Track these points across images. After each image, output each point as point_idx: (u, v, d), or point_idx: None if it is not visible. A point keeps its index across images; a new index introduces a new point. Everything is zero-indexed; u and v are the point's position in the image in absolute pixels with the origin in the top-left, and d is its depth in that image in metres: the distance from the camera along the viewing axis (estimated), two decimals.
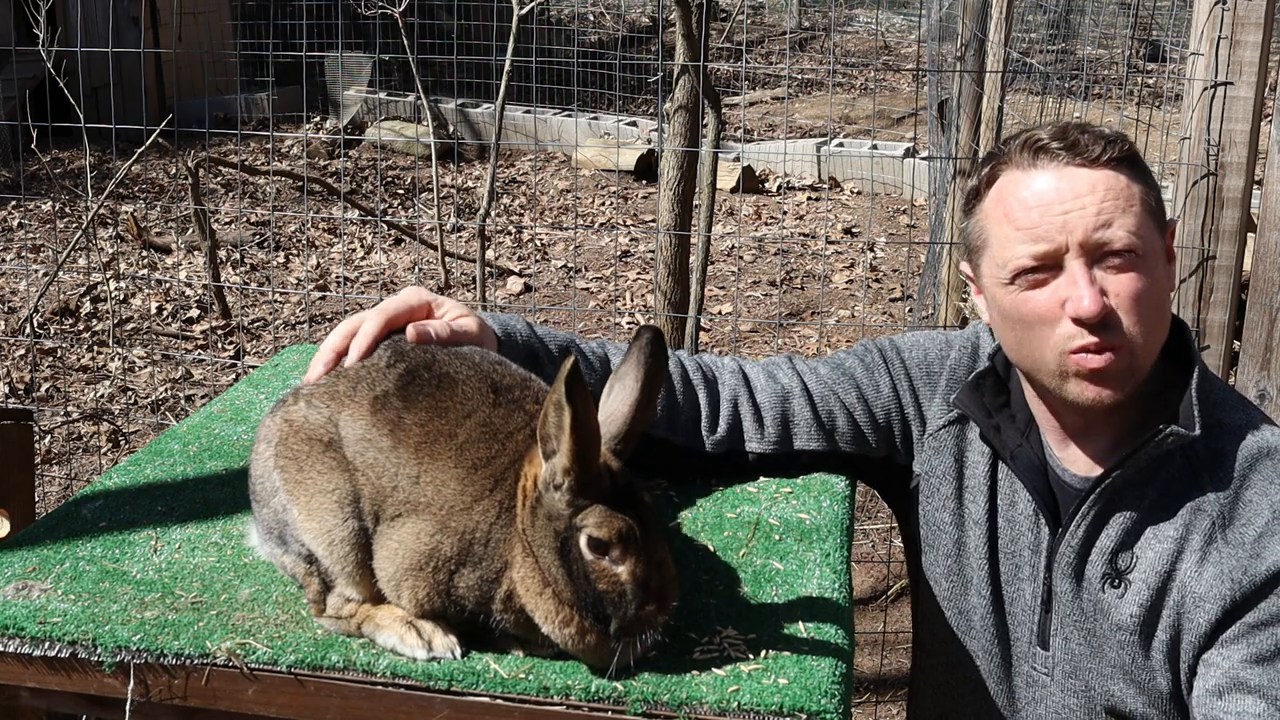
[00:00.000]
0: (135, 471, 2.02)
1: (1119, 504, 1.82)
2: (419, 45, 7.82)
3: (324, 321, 7.51)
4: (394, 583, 1.52)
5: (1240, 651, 1.70)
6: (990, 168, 1.86)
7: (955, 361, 2.03)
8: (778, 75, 14.04)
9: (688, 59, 4.19)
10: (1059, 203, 1.75)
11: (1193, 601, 1.74)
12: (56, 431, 5.98)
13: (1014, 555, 1.95)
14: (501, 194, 10.40)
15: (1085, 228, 1.74)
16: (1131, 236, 1.74)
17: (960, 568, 2.01)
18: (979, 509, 1.97)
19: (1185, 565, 1.76)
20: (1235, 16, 3.14)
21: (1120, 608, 1.80)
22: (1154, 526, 1.79)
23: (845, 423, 2.02)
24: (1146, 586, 1.78)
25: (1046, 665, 1.92)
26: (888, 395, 2.03)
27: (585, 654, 1.47)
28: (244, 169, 9.41)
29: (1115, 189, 1.76)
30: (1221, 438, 1.79)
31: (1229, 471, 1.77)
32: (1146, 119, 4.43)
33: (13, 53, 10.31)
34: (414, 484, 1.51)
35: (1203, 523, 1.76)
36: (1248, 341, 3.21)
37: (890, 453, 2.06)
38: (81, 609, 1.60)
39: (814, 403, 2.01)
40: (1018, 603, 1.95)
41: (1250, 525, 1.72)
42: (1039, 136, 1.81)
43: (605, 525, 1.40)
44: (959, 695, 2.06)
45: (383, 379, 1.59)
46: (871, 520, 5.25)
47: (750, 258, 8.84)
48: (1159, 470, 1.80)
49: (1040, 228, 1.76)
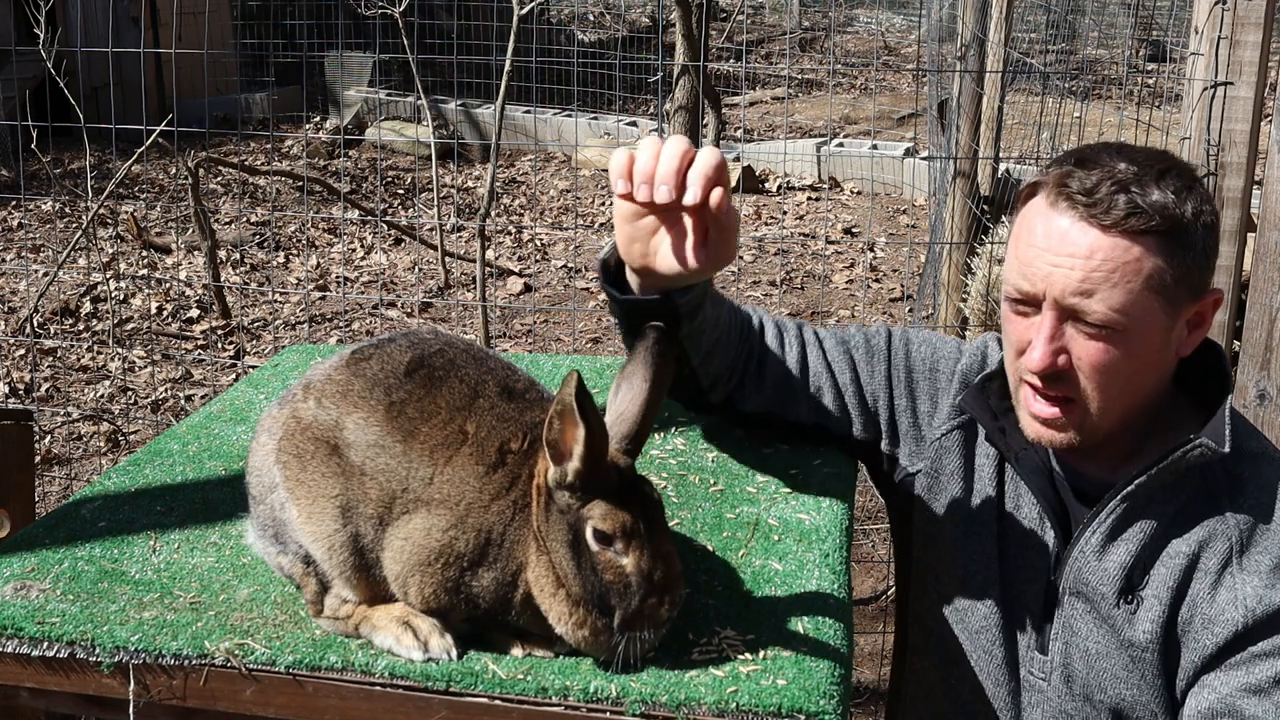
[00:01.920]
0: (134, 472, 2.02)
1: (1138, 515, 1.80)
2: (419, 45, 7.82)
3: (324, 321, 7.51)
4: (401, 579, 1.52)
5: (1240, 678, 1.70)
6: (1033, 183, 1.82)
7: (966, 367, 2.04)
8: (778, 75, 14.04)
9: (688, 59, 4.19)
10: (1051, 253, 1.72)
11: (1202, 622, 1.74)
12: (56, 431, 5.98)
13: (1018, 558, 1.95)
14: (502, 194, 10.40)
15: (1064, 289, 1.71)
16: (1111, 312, 1.70)
17: (964, 568, 2.00)
18: (984, 511, 1.98)
19: (1198, 586, 1.75)
20: (1235, 16, 3.14)
21: (1134, 625, 1.80)
22: (1169, 544, 1.79)
23: (832, 401, 2.04)
24: (1159, 603, 1.77)
25: (1044, 670, 1.92)
26: (880, 383, 2.06)
27: (593, 650, 1.48)
28: (244, 169, 9.41)
29: (1115, 260, 1.69)
30: (1240, 463, 1.79)
31: (1248, 498, 1.77)
32: (1147, 119, 4.42)
33: (13, 53, 10.32)
34: (426, 485, 1.51)
35: (1219, 545, 1.75)
36: (1248, 341, 3.21)
37: (874, 437, 2.08)
38: (80, 609, 1.60)
39: (808, 377, 2.04)
40: (1020, 606, 1.95)
41: (1267, 554, 1.73)
42: (1072, 178, 1.73)
43: (610, 518, 1.43)
44: (958, 695, 2.05)
45: (400, 386, 1.57)
46: (872, 521, 5.25)
47: (750, 258, 8.84)
48: (1179, 487, 1.79)
49: (1030, 268, 1.75)
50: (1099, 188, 1.70)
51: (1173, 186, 1.71)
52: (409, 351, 1.62)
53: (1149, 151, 1.78)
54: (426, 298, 7.80)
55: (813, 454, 2.08)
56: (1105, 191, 1.70)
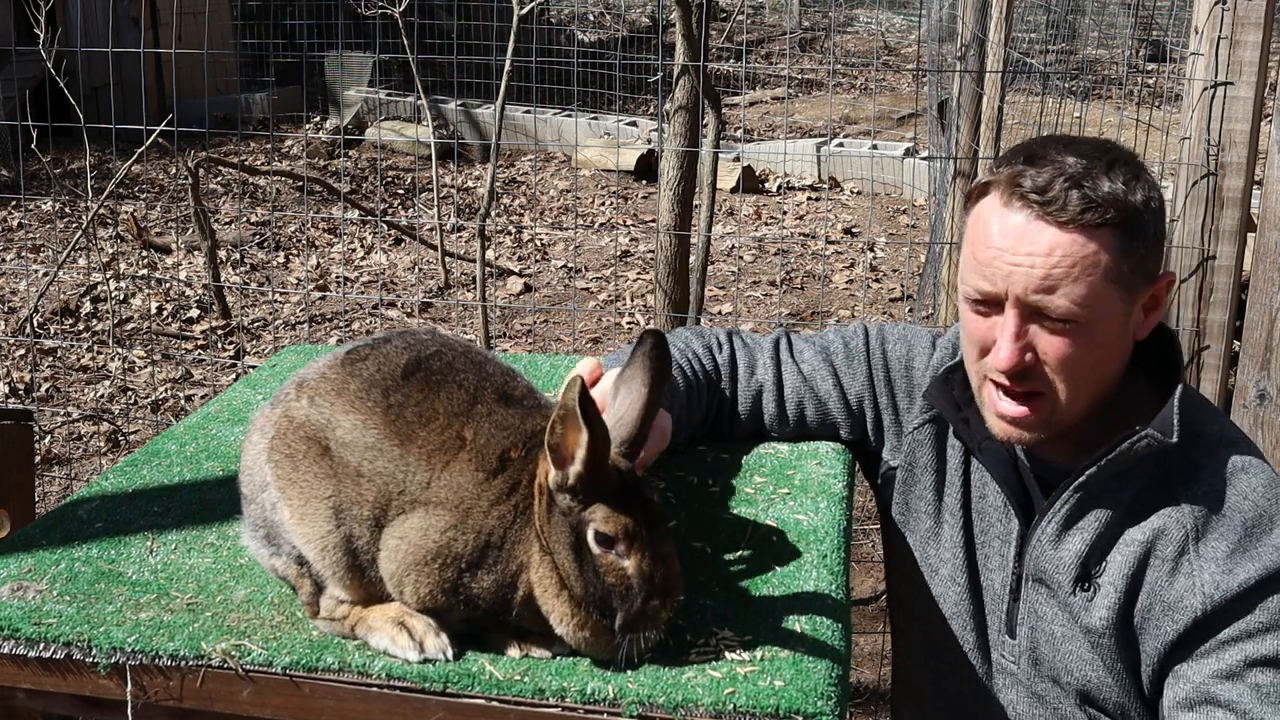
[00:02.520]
0: (132, 472, 2.02)
1: (1092, 504, 1.83)
2: (419, 45, 7.82)
3: (324, 321, 7.51)
4: (396, 578, 1.52)
5: (1211, 666, 1.71)
6: (984, 182, 1.83)
7: (939, 362, 2.06)
8: (778, 75, 14.04)
9: (688, 59, 4.18)
10: (1010, 253, 1.73)
11: (1162, 609, 1.76)
12: (56, 431, 5.98)
13: (985, 545, 1.99)
14: (501, 194, 10.39)
15: (1026, 286, 1.72)
16: (1073, 306, 1.71)
17: (934, 555, 2.06)
18: (954, 500, 2.02)
19: (1156, 574, 1.77)
20: (1235, 16, 3.13)
21: (1090, 611, 1.82)
22: (1125, 531, 1.81)
23: (815, 412, 2.12)
24: (1115, 590, 1.80)
25: (1014, 654, 1.96)
26: (862, 384, 2.11)
27: (594, 650, 1.49)
28: (244, 169, 9.41)
29: (1074, 255, 1.70)
30: (1197, 448, 1.80)
31: (1203, 484, 1.78)
32: (1147, 119, 4.42)
33: (13, 53, 10.32)
34: (424, 488, 1.51)
35: (1175, 532, 1.76)
36: (1248, 341, 3.21)
37: (863, 438, 2.13)
38: (77, 610, 1.60)
39: (783, 399, 2.12)
40: (989, 591, 2.00)
41: (1223, 540, 1.74)
42: (1024, 177, 1.74)
43: (611, 521, 1.44)
44: (939, 676, 2.11)
45: (398, 388, 1.57)
46: (871, 521, 5.24)
47: (750, 258, 8.84)
48: (1133, 475, 1.81)
49: (989, 268, 1.76)
50: (1052, 185, 1.71)
51: (1122, 176, 1.73)
52: (406, 353, 1.61)
53: (1094, 142, 1.80)
54: (426, 298, 7.80)
55: (811, 454, 2.08)
56: (1059, 188, 1.71)
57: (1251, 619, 1.70)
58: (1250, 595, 1.70)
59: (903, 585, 2.14)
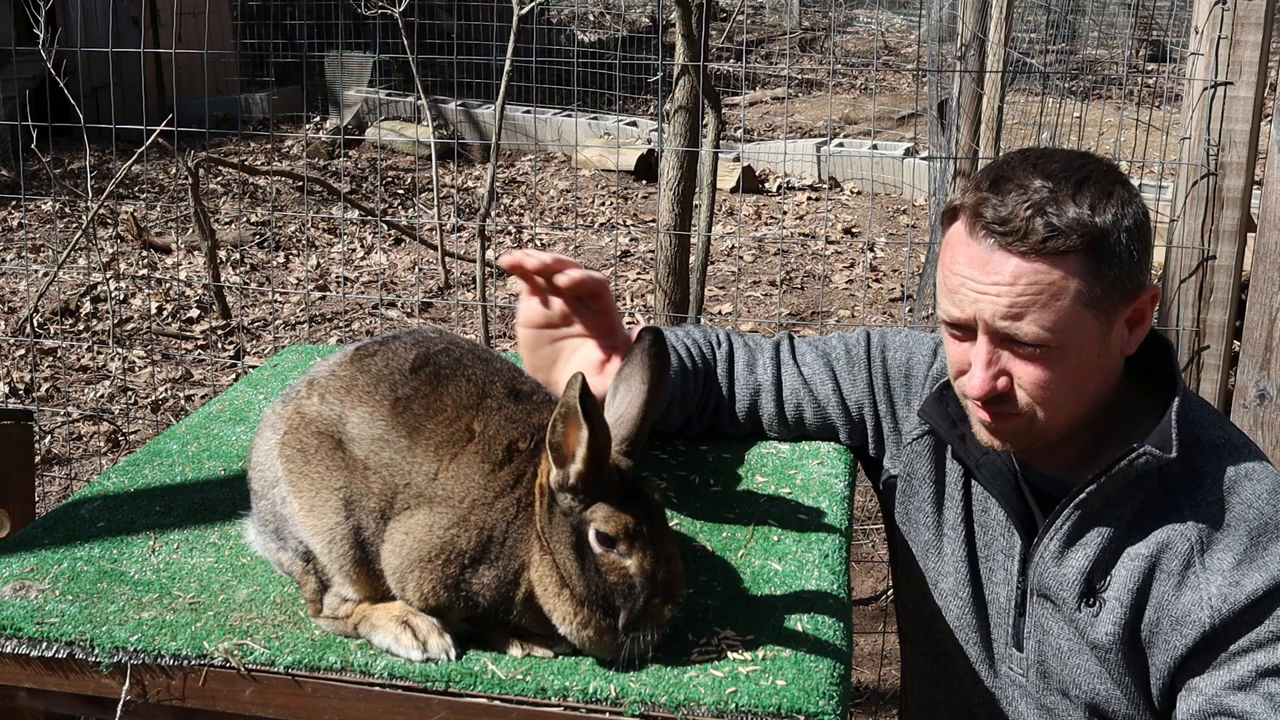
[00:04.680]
0: (133, 472, 2.02)
1: (1094, 521, 1.82)
2: (419, 45, 7.82)
3: (324, 321, 7.51)
4: (399, 574, 1.52)
5: (1223, 677, 1.71)
6: (953, 207, 1.82)
7: (939, 371, 2.05)
8: (778, 75, 14.04)
9: (688, 59, 4.18)
10: (975, 282, 1.72)
11: (1170, 623, 1.75)
12: (56, 431, 5.98)
13: (989, 560, 1.98)
14: (501, 194, 10.40)
15: (994, 314, 1.71)
16: (1042, 332, 1.70)
17: (935, 568, 2.05)
18: (954, 514, 2.01)
19: (1162, 587, 1.76)
20: (1235, 16, 3.14)
21: (1096, 626, 1.81)
22: (1128, 546, 1.80)
23: (814, 416, 2.10)
24: (1121, 605, 1.79)
25: (1021, 666, 1.95)
26: (863, 390, 2.09)
27: (597, 650, 1.49)
28: (244, 169, 9.40)
29: (1040, 283, 1.68)
30: (1199, 456, 1.79)
31: (1207, 493, 1.77)
32: (1147, 119, 4.42)
33: (13, 53, 10.31)
34: (430, 481, 1.52)
35: (1180, 546, 1.75)
36: (1248, 341, 3.21)
37: (863, 444, 2.13)
38: (79, 609, 1.60)
39: (781, 400, 2.10)
40: (994, 605, 1.99)
41: (1229, 551, 1.73)
42: (986, 206, 1.71)
43: (612, 520, 1.43)
44: (948, 685, 2.11)
45: (405, 383, 1.58)
46: (872, 521, 5.25)
47: (750, 258, 8.84)
48: (1134, 489, 1.79)
49: (957, 295, 1.76)
50: (1015, 214, 1.69)
51: (1090, 198, 1.69)
52: (414, 349, 1.62)
53: (1067, 159, 1.76)
54: (426, 298, 7.80)
55: (812, 454, 2.08)
56: (1021, 217, 1.68)
57: (1262, 629, 1.69)
58: (1259, 605, 1.69)
59: (909, 593, 2.13)
